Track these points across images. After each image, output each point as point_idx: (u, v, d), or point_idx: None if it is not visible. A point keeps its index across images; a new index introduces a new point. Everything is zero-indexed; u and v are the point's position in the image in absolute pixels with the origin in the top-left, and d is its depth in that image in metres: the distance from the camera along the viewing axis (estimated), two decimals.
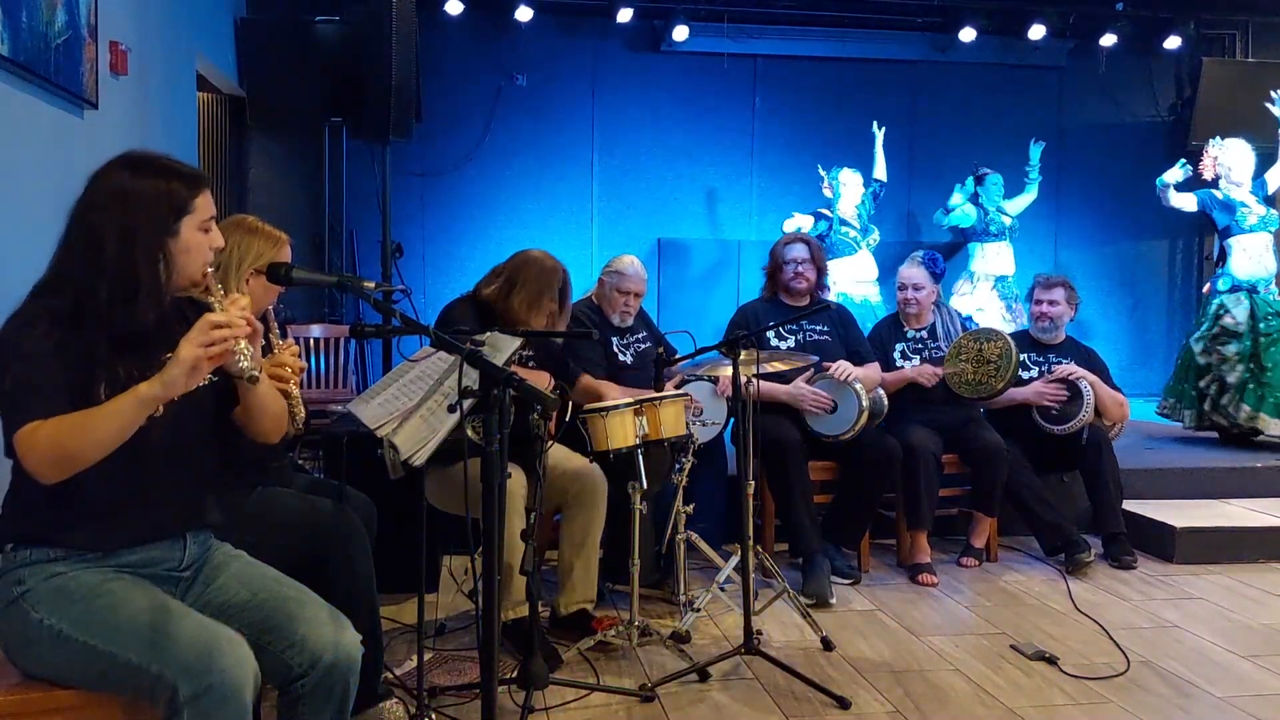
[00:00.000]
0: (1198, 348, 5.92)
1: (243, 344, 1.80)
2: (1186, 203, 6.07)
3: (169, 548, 1.97)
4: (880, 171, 7.10)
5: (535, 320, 3.47)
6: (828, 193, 6.93)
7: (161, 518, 1.95)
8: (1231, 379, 5.75)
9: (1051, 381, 4.57)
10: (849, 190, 6.90)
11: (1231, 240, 5.94)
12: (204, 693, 1.74)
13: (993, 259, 7.06)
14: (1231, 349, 5.76)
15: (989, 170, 7.13)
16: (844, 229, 6.83)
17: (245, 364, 1.81)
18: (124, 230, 1.84)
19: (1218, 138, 6.21)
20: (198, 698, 1.74)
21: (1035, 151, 7.23)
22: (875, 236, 6.94)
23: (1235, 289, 5.86)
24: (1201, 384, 5.90)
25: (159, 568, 1.95)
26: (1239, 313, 5.77)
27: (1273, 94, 6.17)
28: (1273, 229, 5.94)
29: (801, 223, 6.81)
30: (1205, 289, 6.23)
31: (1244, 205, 5.92)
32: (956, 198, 7.07)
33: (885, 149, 7.34)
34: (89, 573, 1.87)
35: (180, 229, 1.89)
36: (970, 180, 7.17)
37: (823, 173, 6.97)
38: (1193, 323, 6.23)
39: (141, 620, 1.81)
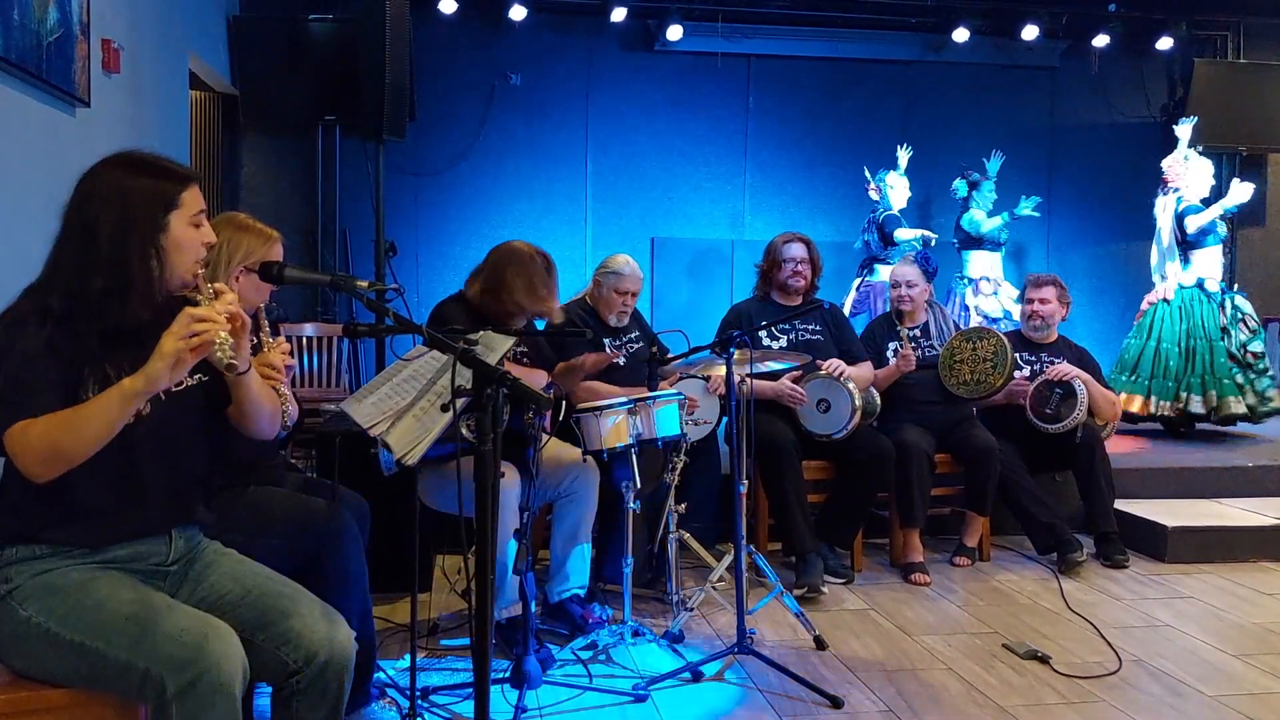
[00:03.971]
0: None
1: (223, 335, 1.78)
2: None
3: (156, 542, 1.97)
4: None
5: (539, 306, 3.47)
6: (874, 195, 6.90)
7: (149, 515, 1.94)
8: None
9: (1045, 381, 4.57)
10: (896, 194, 6.89)
11: (1193, 253, 6.23)
12: (191, 685, 1.73)
13: (987, 265, 7.03)
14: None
15: (981, 177, 7.10)
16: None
17: (221, 355, 1.78)
18: (118, 226, 1.84)
19: (1192, 149, 6.35)
20: (185, 691, 1.73)
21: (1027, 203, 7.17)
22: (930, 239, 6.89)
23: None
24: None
25: (146, 562, 1.95)
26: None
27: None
28: (1222, 241, 6.28)
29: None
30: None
31: (1217, 222, 6.19)
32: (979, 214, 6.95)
33: (878, 149, 7.35)
34: (76, 569, 1.87)
35: (170, 224, 1.89)
36: (963, 184, 7.14)
37: (868, 175, 6.94)
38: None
39: (127, 615, 1.80)
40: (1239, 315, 6.24)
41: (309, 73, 6.11)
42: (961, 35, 7.71)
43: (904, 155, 7.05)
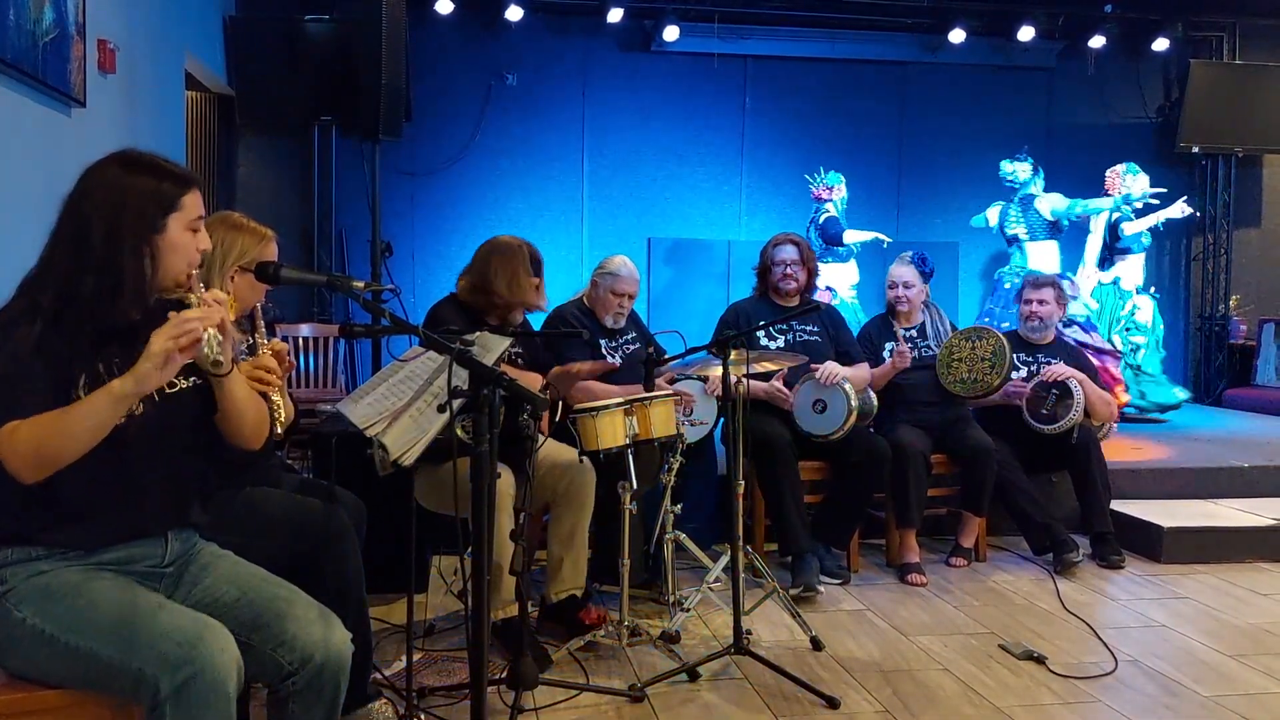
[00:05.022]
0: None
1: (211, 331, 1.78)
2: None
3: (151, 544, 1.96)
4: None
5: (524, 296, 3.47)
6: (826, 194, 6.88)
7: (143, 517, 1.94)
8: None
9: (1041, 382, 4.58)
10: (839, 194, 6.90)
11: (1118, 258, 6.87)
12: (185, 685, 1.73)
13: (1052, 259, 6.94)
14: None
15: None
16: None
17: (208, 351, 1.77)
18: (111, 225, 1.84)
19: (1131, 165, 6.80)
20: (179, 690, 1.73)
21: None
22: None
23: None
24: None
25: (142, 564, 1.94)
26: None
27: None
28: (1145, 250, 6.98)
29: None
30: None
31: (1144, 233, 6.83)
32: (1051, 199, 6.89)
33: (873, 150, 7.33)
34: (71, 571, 1.86)
35: (167, 226, 1.88)
36: (1029, 161, 6.96)
37: (821, 175, 6.93)
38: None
39: (121, 617, 1.80)
40: (1133, 314, 6.81)
41: (305, 73, 6.10)
42: (958, 36, 7.72)
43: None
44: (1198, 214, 6.73)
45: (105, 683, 1.81)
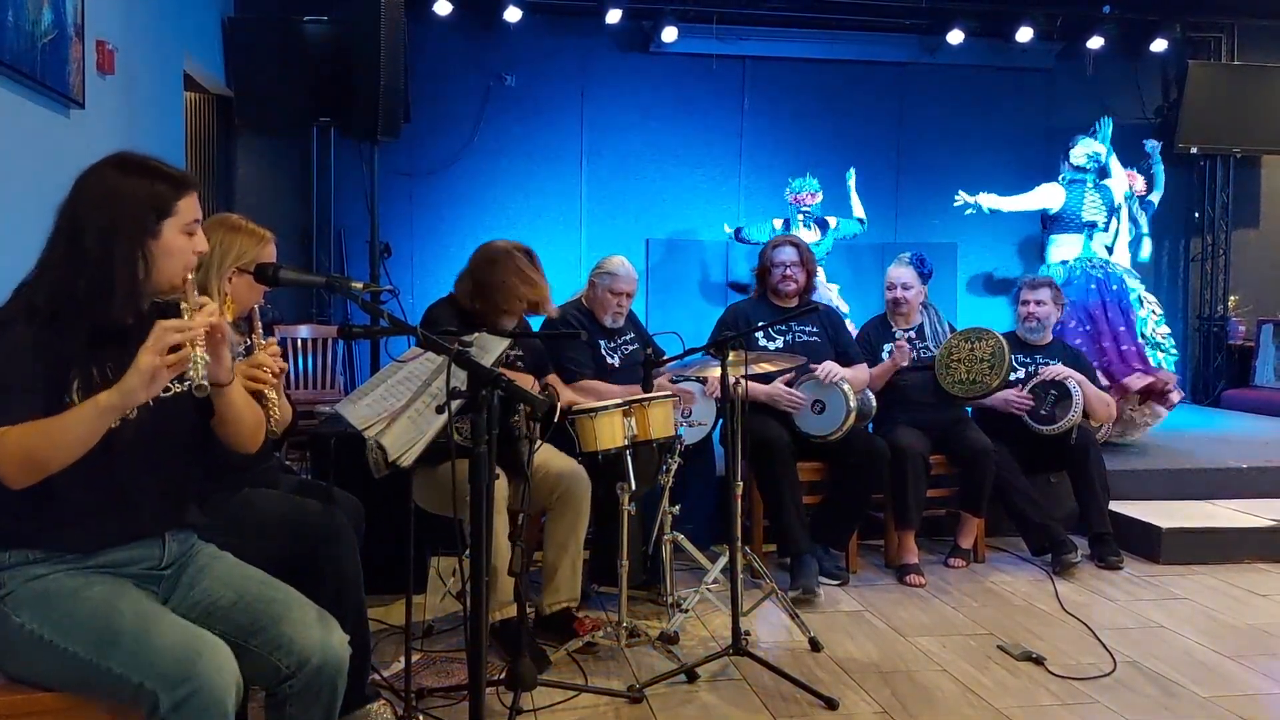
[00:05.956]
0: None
1: (198, 352, 1.76)
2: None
3: (149, 546, 1.96)
4: (858, 211, 7.00)
5: (534, 293, 3.43)
6: (811, 199, 6.86)
7: (140, 519, 1.94)
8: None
9: (1040, 383, 4.58)
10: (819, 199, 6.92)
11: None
12: (184, 702, 1.73)
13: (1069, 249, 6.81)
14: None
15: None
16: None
17: (194, 374, 1.74)
18: (105, 228, 1.83)
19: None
20: (178, 707, 1.73)
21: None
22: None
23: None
24: None
25: (139, 566, 1.94)
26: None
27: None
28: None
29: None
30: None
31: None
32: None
33: (872, 150, 7.33)
34: (69, 575, 1.86)
35: (162, 230, 1.88)
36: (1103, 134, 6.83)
37: (806, 179, 6.92)
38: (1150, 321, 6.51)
39: (122, 628, 1.80)
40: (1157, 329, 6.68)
41: (304, 74, 6.08)
42: (956, 37, 7.72)
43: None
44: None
45: (103, 690, 1.81)
